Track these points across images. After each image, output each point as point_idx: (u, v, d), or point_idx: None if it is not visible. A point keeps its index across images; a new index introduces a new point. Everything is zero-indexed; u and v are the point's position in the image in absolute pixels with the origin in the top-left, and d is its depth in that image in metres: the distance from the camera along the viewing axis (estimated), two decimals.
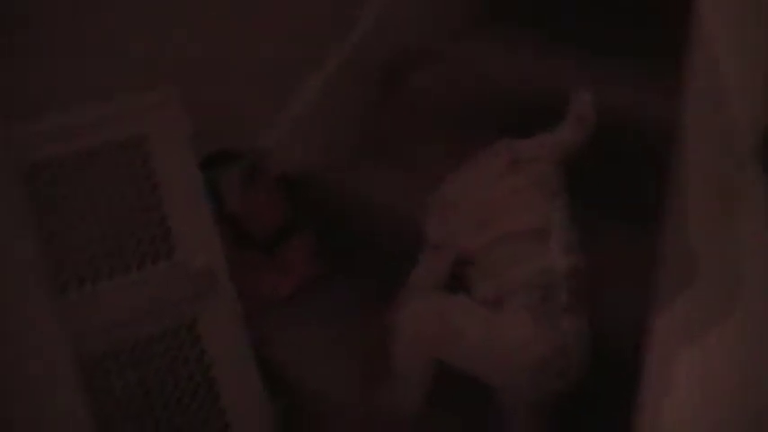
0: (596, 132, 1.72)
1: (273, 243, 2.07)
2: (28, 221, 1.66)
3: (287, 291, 2.07)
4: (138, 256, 1.79)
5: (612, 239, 1.75)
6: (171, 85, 1.83)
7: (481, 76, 1.81)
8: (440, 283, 1.70)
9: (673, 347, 1.24)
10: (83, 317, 1.72)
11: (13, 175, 1.67)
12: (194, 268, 1.82)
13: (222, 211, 2.00)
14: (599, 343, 1.55)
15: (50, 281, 1.67)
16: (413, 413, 1.68)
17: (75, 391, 1.67)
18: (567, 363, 1.53)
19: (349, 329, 1.95)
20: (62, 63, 1.88)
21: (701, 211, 1.14)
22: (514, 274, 1.58)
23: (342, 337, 1.94)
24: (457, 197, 1.68)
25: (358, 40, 2.23)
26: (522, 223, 1.61)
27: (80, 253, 1.74)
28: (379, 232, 2.05)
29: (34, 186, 1.70)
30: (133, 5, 1.95)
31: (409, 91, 1.79)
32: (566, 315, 1.54)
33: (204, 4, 2.05)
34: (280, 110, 2.17)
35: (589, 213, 1.65)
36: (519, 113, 1.74)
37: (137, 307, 1.77)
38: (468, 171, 1.69)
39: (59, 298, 1.69)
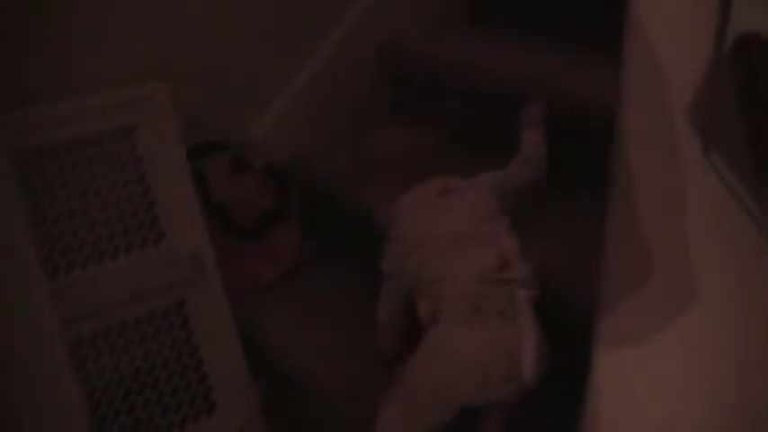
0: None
1: (260, 230, 2.13)
2: (18, 206, 1.73)
3: (273, 276, 2.13)
4: (127, 241, 1.86)
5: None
6: (160, 77, 1.91)
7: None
8: (398, 313, 1.75)
9: (620, 350, 1.26)
10: (73, 300, 1.78)
11: (6, 161, 1.74)
12: (181, 254, 1.89)
13: (209, 200, 2.06)
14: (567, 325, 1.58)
15: (41, 265, 1.75)
16: None
17: (66, 372, 1.74)
18: (515, 368, 1.52)
19: (335, 312, 2.01)
20: (56, 55, 1.94)
21: (645, 207, 1.17)
22: (445, 289, 1.60)
23: (328, 319, 2.00)
24: (395, 227, 1.75)
25: (344, 34, 2.29)
26: (449, 233, 1.65)
27: (69, 238, 1.81)
28: (364, 217, 2.10)
29: (25, 172, 1.77)
30: (126, 1, 2.01)
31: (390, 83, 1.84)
32: (504, 320, 1.54)
33: None
34: (266, 101, 2.23)
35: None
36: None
37: (125, 291, 1.84)
38: (405, 204, 1.76)
39: (49, 282, 1.75)
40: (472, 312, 1.55)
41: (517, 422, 1.64)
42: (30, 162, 1.79)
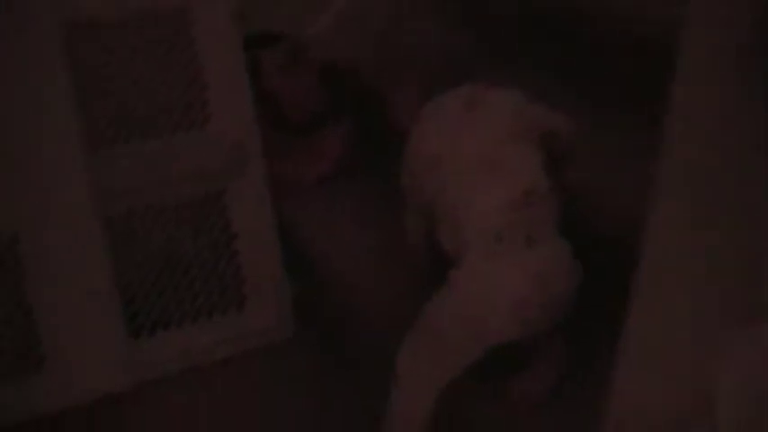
0: None
1: (309, 128, 2.08)
2: (65, 78, 1.69)
3: (318, 175, 2.08)
4: (173, 122, 1.80)
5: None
6: None
7: None
8: (424, 233, 1.67)
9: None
10: (113, 175, 1.74)
11: (54, 33, 1.69)
12: (227, 141, 1.84)
13: (261, 91, 2.01)
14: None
15: (83, 135, 1.71)
16: None
17: (99, 245, 1.72)
18: (548, 295, 1.46)
19: (376, 217, 1.96)
20: None
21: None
22: (463, 219, 1.52)
23: (368, 223, 1.95)
24: (415, 140, 1.66)
25: None
26: (469, 155, 1.56)
27: (113, 112, 1.76)
28: None
29: (72, 45, 1.72)
30: None
31: None
32: (531, 248, 1.47)
33: None
34: None
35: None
36: None
37: (166, 171, 1.79)
38: (427, 115, 1.66)
39: (90, 153, 1.71)
40: (494, 243, 1.48)
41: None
42: (78, 35, 1.73)
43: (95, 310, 1.71)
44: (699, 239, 1.09)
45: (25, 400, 1.67)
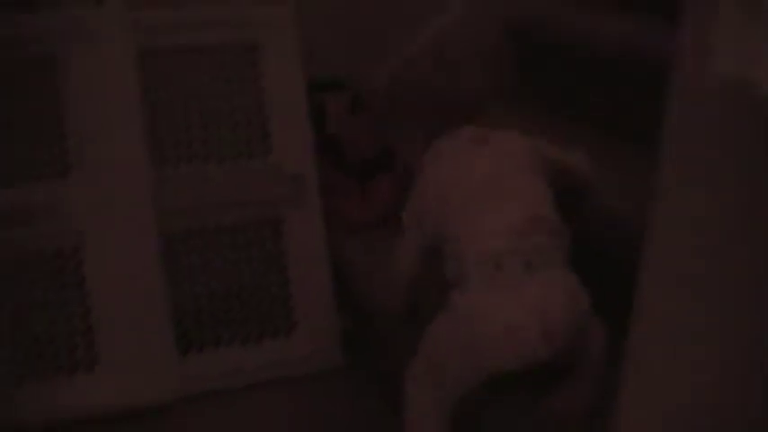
0: None
1: (366, 173, 2.15)
2: (136, 100, 1.81)
3: (371, 218, 2.13)
4: (235, 150, 1.90)
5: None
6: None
7: None
8: (415, 269, 1.65)
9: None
10: (174, 195, 1.83)
11: (129, 58, 1.81)
12: (287, 172, 1.92)
13: (324, 133, 2.09)
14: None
15: (149, 153, 1.81)
16: None
17: (156, 261, 1.80)
18: (546, 323, 1.42)
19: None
20: None
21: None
22: (465, 248, 1.51)
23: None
24: (422, 177, 1.66)
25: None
26: (474, 186, 1.56)
27: (180, 134, 1.86)
28: None
29: (146, 69, 1.83)
30: None
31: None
32: (530, 274, 1.45)
33: None
34: (393, 49, 2.25)
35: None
36: None
37: (226, 196, 1.87)
38: (435, 153, 1.65)
39: (155, 171, 1.81)
40: (494, 271, 1.46)
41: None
42: (151, 61, 1.85)
43: (148, 321, 1.78)
44: (701, 243, 1.09)
45: (75, 397, 1.73)
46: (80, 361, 1.75)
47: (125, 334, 1.76)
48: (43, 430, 1.70)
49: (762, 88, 0.92)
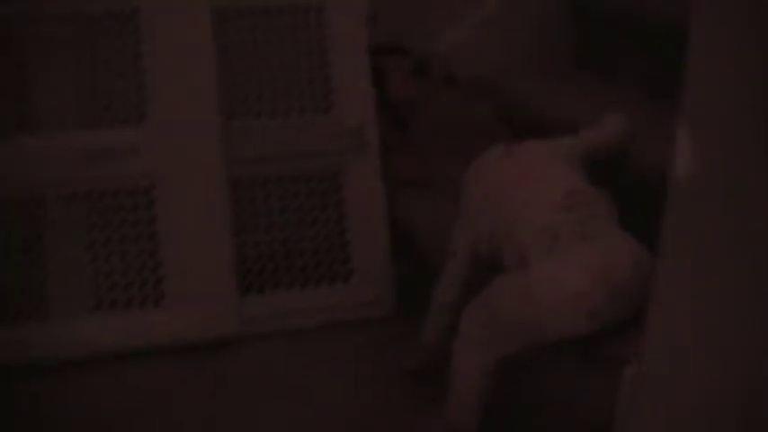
0: None
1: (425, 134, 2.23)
2: (211, 55, 1.92)
3: (427, 176, 2.21)
4: (300, 105, 2.00)
5: None
6: None
7: None
8: (456, 296, 1.73)
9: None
10: (242, 145, 1.94)
11: (205, 16, 1.93)
12: (348, 126, 2.02)
13: (385, 95, 2.18)
14: None
15: (220, 106, 1.92)
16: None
17: (224, 205, 1.91)
18: (611, 287, 1.50)
19: None
20: None
21: None
22: (519, 231, 1.60)
23: None
24: (464, 198, 1.76)
25: None
26: (515, 181, 1.67)
27: (249, 89, 1.96)
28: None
29: (219, 28, 1.94)
30: None
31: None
32: (589, 243, 1.53)
33: None
34: (458, 15, 2.33)
35: None
36: None
37: (290, 147, 1.97)
38: (473, 170, 1.77)
39: (225, 123, 1.93)
40: (551, 243, 1.55)
41: None
42: (225, 20, 1.96)
43: (212, 262, 1.89)
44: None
45: (143, 329, 1.85)
46: (149, 296, 1.87)
47: (191, 273, 1.87)
48: (114, 358, 1.83)
49: None
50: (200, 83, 1.91)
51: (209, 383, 1.81)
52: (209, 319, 1.88)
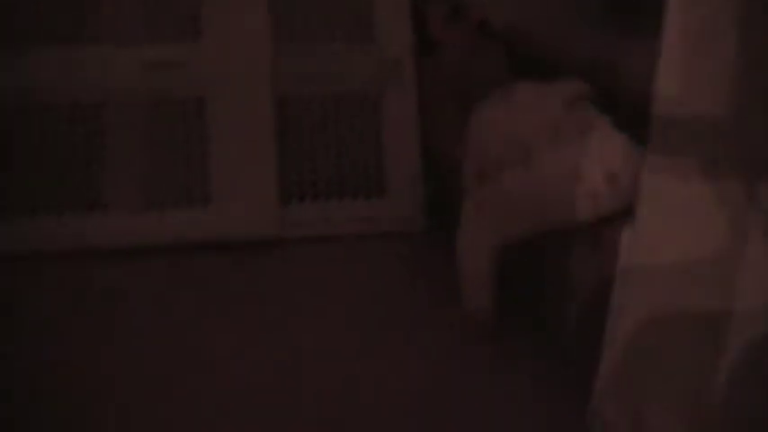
0: None
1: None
2: None
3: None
4: (345, 35, 2.17)
5: None
6: None
7: None
8: (486, 257, 1.80)
9: None
10: (290, 65, 2.11)
11: None
12: (388, 56, 2.18)
13: (423, 37, 2.33)
14: None
15: (273, 30, 2.10)
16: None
17: (270, 119, 2.08)
18: (610, 167, 1.64)
19: None
20: None
21: None
22: (525, 129, 1.77)
23: None
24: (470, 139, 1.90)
25: None
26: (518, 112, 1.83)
27: (298, 17, 2.13)
28: None
29: None
30: None
31: None
32: (587, 136, 1.69)
33: None
34: None
35: None
36: None
37: (335, 70, 2.15)
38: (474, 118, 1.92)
39: (275, 44, 2.10)
40: (553, 135, 1.71)
41: None
42: None
43: (257, 169, 2.06)
44: None
45: (191, 226, 2.03)
46: (196, 196, 2.05)
47: (237, 177, 2.05)
48: (165, 250, 2.00)
49: None
50: (253, 6, 2.08)
51: (249, 277, 1.96)
52: (254, 221, 2.04)
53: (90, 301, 1.86)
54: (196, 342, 1.72)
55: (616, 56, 2.07)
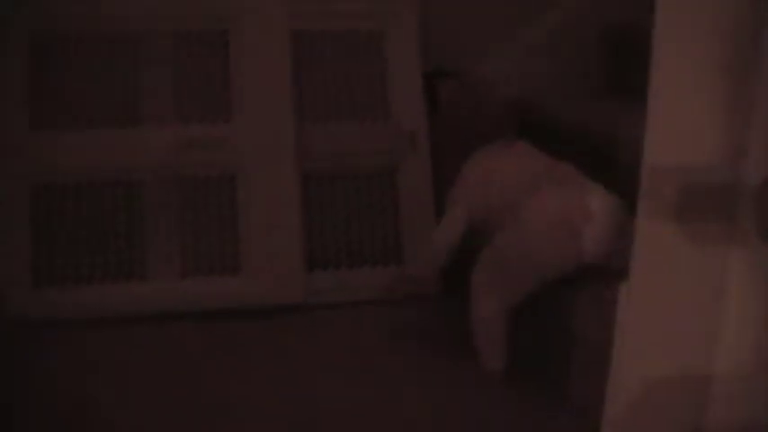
0: None
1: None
2: (288, 71, 2.29)
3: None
4: (362, 112, 2.35)
5: None
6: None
7: None
8: (457, 240, 2.06)
9: None
10: (312, 144, 2.29)
11: (284, 39, 2.29)
12: (403, 129, 2.36)
13: (435, 111, 2.49)
14: None
15: (296, 111, 2.28)
16: None
17: (296, 194, 2.25)
18: (594, 220, 1.83)
19: None
20: None
21: None
22: (512, 192, 1.97)
23: None
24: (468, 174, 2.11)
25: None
26: (512, 166, 2.06)
27: (319, 97, 2.32)
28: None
29: (295, 48, 2.31)
30: None
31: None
32: (568, 189, 1.90)
33: None
34: (504, 42, 2.63)
35: None
36: None
37: (354, 147, 2.32)
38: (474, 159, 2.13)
39: (300, 124, 2.28)
40: (533, 191, 1.91)
41: None
42: (300, 41, 2.33)
43: (284, 240, 2.23)
44: None
45: (222, 294, 2.19)
46: (227, 266, 2.21)
47: (265, 249, 2.21)
48: (201, 318, 2.16)
49: None
50: (280, 90, 2.26)
51: (277, 339, 2.11)
52: (280, 288, 2.21)
53: (130, 361, 2.00)
54: (225, 397, 1.86)
55: (616, 127, 2.25)
